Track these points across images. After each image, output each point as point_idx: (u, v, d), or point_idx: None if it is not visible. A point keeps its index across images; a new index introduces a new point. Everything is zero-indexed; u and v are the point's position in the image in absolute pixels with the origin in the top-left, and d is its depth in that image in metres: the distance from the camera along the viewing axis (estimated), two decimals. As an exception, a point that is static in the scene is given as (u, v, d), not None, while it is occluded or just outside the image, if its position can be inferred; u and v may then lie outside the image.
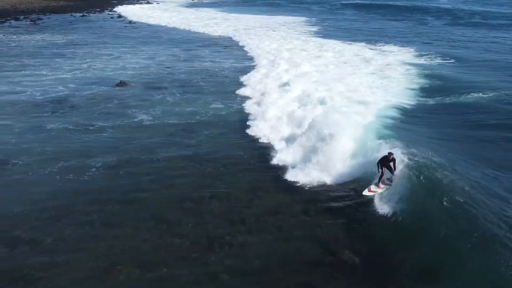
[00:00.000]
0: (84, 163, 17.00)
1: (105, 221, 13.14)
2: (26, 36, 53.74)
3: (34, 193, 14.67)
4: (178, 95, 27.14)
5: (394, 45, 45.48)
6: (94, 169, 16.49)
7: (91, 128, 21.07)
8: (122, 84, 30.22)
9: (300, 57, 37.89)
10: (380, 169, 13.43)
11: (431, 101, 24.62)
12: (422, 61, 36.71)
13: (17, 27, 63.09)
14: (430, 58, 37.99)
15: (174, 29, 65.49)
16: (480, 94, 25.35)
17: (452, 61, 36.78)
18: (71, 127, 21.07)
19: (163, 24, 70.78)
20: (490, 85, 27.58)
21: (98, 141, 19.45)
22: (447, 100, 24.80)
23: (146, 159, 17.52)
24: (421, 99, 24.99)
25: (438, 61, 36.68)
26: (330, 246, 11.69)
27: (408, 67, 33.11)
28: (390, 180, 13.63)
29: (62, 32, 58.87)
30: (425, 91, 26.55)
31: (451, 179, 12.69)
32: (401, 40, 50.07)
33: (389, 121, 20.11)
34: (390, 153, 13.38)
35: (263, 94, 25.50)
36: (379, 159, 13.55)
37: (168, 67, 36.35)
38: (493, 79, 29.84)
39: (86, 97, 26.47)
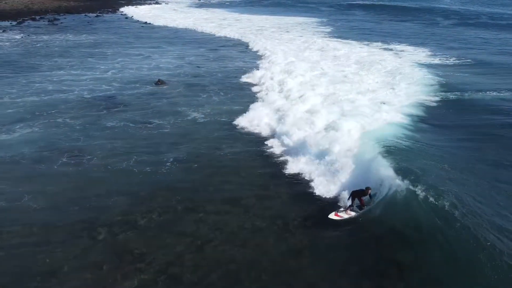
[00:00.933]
0: (156, 158, 17.89)
1: (187, 206, 14.09)
2: (49, 36, 54.51)
3: (117, 184, 15.57)
4: (222, 94, 28.03)
5: (409, 45, 46.57)
6: (169, 163, 17.38)
7: (149, 125, 21.94)
8: (161, 83, 31.08)
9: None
10: (352, 201, 13.11)
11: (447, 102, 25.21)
12: (439, 61, 37.91)
13: (37, 27, 63.78)
14: (446, 57, 39.15)
15: (191, 30, 66.24)
16: (497, 93, 26.45)
17: (468, 61, 37.76)
18: (131, 124, 21.95)
19: (179, 25, 71.49)
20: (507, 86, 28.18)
21: (161, 137, 20.32)
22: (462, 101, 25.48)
23: (214, 153, 18.45)
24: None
25: (454, 61, 37.71)
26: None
27: (424, 68, 34.09)
28: (360, 208, 13.31)
29: (83, 32, 59.63)
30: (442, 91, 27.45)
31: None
32: (416, 41, 51.00)
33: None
34: (367, 188, 12.99)
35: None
36: (353, 190, 13.17)
37: (199, 66, 37.25)
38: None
39: (133, 96, 27.34)
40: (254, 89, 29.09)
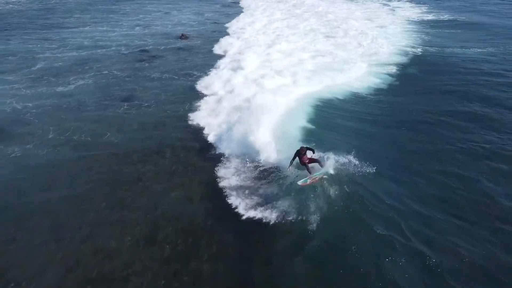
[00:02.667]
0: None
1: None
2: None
3: (176, 126, 17.68)
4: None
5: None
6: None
7: (190, 77, 23.74)
8: (185, 37, 32.39)
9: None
10: (290, 166, 12.30)
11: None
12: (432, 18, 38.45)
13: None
14: (440, 15, 39.57)
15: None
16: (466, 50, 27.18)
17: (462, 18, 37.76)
18: (175, 76, 23.73)
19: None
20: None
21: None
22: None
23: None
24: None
25: (446, 18, 37.90)
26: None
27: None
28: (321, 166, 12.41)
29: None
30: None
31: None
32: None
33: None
34: (302, 148, 12.23)
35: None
36: (294, 156, 12.22)
37: (216, 22, 38.26)
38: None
39: (165, 50, 28.80)
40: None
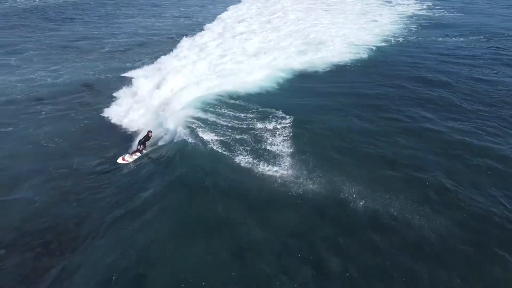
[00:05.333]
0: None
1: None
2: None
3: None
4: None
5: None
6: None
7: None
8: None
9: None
10: (139, 146, 14.16)
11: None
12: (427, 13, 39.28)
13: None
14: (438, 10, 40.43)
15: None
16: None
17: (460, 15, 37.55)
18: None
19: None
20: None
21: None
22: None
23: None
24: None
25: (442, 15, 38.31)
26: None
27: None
28: (141, 151, 14.33)
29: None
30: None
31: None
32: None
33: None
34: (149, 131, 14.26)
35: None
36: (141, 138, 14.39)
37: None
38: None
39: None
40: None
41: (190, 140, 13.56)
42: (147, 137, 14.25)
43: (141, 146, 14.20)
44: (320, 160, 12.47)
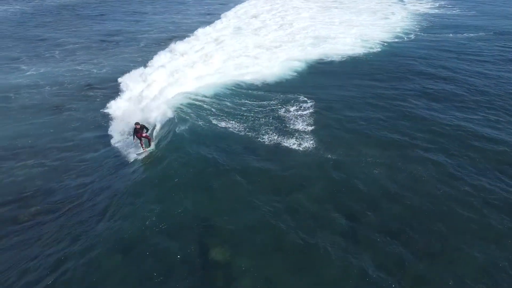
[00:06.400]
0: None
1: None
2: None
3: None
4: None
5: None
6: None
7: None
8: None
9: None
10: (135, 139, 14.05)
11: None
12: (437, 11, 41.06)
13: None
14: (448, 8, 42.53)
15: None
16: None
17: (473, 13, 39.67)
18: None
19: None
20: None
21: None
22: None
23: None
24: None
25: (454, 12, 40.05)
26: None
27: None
28: (147, 139, 14.50)
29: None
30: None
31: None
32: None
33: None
34: (136, 123, 14.00)
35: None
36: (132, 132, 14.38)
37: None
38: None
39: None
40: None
41: (220, 125, 15.12)
42: (135, 129, 13.95)
43: (135, 138, 14.08)
44: (337, 138, 14.13)
